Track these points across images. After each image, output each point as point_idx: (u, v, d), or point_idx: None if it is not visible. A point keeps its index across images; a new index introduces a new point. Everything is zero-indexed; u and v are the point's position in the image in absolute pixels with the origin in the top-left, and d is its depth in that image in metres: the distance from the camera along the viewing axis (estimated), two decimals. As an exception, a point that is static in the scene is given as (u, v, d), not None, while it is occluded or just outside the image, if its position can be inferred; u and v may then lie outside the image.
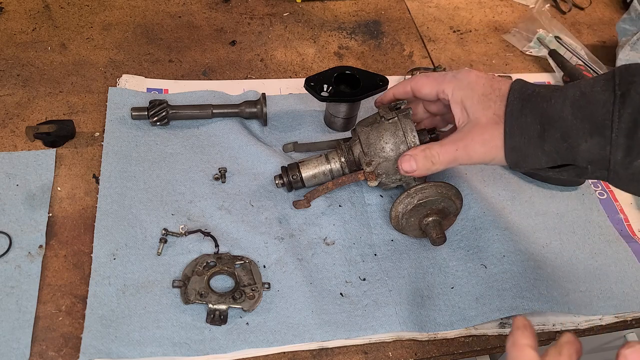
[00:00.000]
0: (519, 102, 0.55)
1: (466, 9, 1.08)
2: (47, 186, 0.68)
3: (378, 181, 0.65)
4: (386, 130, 0.64)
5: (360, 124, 0.67)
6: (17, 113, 0.76)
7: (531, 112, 0.54)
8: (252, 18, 0.98)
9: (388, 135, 0.64)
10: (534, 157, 0.54)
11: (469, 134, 0.57)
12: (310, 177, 0.69)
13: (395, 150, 0.64)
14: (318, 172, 0.69)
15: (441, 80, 0.61)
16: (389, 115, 0.64)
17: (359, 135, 0.66)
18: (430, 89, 0.62)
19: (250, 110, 0.78)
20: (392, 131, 0.64)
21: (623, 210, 0.78)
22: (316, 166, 0.69)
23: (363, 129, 0.66)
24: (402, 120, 0.64)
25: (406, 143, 0.63)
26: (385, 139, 0.64)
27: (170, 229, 0.66)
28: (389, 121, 0.64)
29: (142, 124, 0.76)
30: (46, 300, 0.59)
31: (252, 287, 0.61)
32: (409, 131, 0.64)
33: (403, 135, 0.64)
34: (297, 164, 0.69)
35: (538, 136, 0.53)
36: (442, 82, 0.61)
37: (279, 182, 0.69)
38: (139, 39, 0.90)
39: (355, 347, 0.61)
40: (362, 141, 0.66)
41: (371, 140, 0.65)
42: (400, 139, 0.64)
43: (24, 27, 0.88)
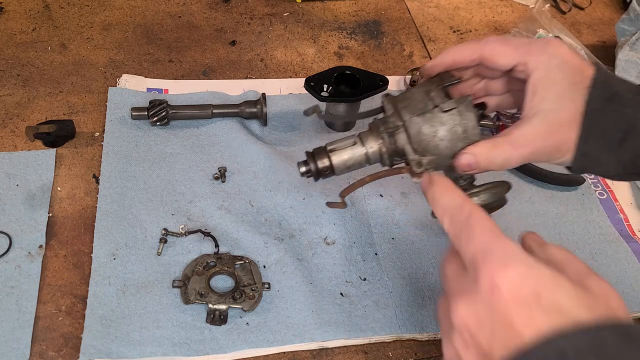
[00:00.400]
0: (601, 101, 0.46)
1: (466, 9, 1.08)
2: (47, 186, 0.68)
3: (422, 175, 0.54)
4: (443, 124, 0.51)
5: (407, 107, 0.53)
6: (17, 113, 0.76)
7: (613, 116, 0.46)
8: (252, 18, 0.98)
9: (444, 130, 0.51)
10: (606, 165, 0.47)
11: (545, 133, 0.46)
12: (342, 164, 0.55)
13: (451, 148, 0.52)
14: (352, 158, 0.55)
15: (526, 50, 0.48)
16: (446, 105, 0.51)
17: (407, 127, 0.52)
18: (508, 60, 0.48)
19: (250, 110, 0.78)
20: (450, 126, 0.51)
21: (623, 210, 0.78)
22: (350, 151, 0.55)
23: (413, 119, 0.52)
24: (463, 112, 0.51)
25: (466, 140, 0.51)
26: (440, 134, 0.51)
27: (170, 229, 0.66)
28: (446, 113, 0.51)
29: (142, 124, 0.76)
30: (46, 300, 0.59)
31: (252, 287, 0.61)
32: (471, 127, 0.51)
33: (463, 133, 0.51)
34: (325, 148, 0.56)
35: (617, 144, 0.46)
36: (528, 54, 0.47)
37: (304, 169, 0.56)
38: (139, 39, 0.90)
39: (355, 347, 0.61)
40: (411, 135, 0.52)
41: (423, 136, 0.52)
42: (459, 135, 0.51)
43: (24, 27, 0.88)
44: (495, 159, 0.47)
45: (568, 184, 0.78)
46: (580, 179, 0.79)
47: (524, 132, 0.47)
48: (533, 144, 0.47)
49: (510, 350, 0.30)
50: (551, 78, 0.46)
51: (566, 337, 0.28)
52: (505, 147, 0.47)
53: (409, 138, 0.53)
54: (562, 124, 0.46)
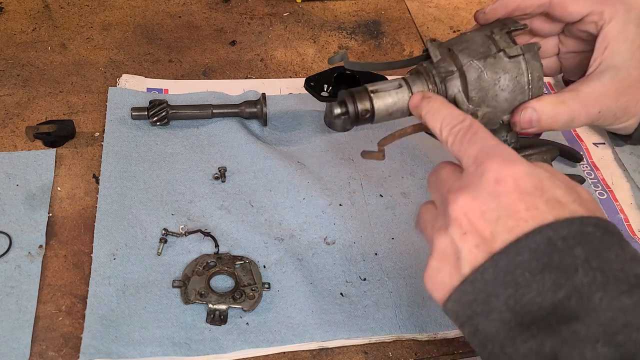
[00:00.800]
0: None
1: (466, 9, 1.08)
2: (47, 186, 0.68)
3: None
4: (506, 71, 0.47)
5: (465, 50, 0.48)
6: (17, 113, 0.76)
7: None
8: (252, 18, 0.98)
9: (507, 79, 0.47)
10: None
11: (616, 91, 0.42)
12: (385, 110, 0.49)
13: (511, 100, 0.47)
14: (397, 103, 0.49)
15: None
16: (512, 50, 0.47)
17: (464, 70, 0.48)
18: (580, 8, 0.44)
19: (250, 110, 0.78)
20: (514, 74, 0.47)
21: (623, 210, 0.78)
22: (395, 94, 0.49)
23: (472, 63, 0.47)
24: (530, 61, 0.47)
25: (529, 94, 0.47)
26: (502, 83, 0.47)
27: (170, 229, 0.66)
28: (511, 59, 0.47)
29: (142, 124, 0.76)
30: (46, 300, 0.59)
31: (252, 287, 0.61)
32: (536, 79, 0.47)
33: (528, 83, 0.47)
34: (367, 90, 0.50)
35: None
36: (603, 2, 0.43)
37: (339, 111, 0.50)
38: (139, 39, 0.90)
39: (355, 347, 0.61)
40: (469, 80, 0.47)
41: (483, 83, 0.47)
42: (522, 87, 0.47)
43: (24, 27, 0.88)
44: (560, 116, 0.42)
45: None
46: (581, 178, 0.79)
47: (593, 89, 0.42)
48: (602, 102, 0.42)
49: (516, 234, 0.32)
50: (627, 32, 0.42)
51: (555, 228, 0.32)
52: (572, 103, 0.42)
53: (465, 85, 0.48)
54: (633, 83, 0.42)
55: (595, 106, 0.43)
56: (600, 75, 0.43)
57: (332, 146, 0.79)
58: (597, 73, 0.43)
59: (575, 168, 0.82)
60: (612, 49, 0.43)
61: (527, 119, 0.44)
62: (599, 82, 0.43)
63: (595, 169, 0.82)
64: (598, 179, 0.81)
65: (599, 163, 0.83)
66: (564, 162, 0.81)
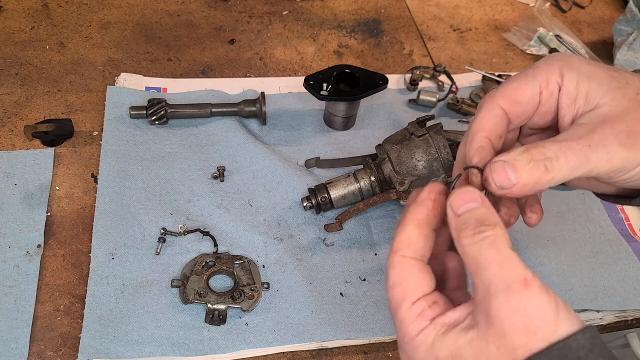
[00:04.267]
0: None
1: (466, 8, 1.07)
2: (46, 185, 0.68)
3: None
4: (417, 147, 0.63)
5: (389, 141, 0.66)
6: (16, 112, 0.76)
7: None
8: (251, 16, 0.97)
9: (420, 152, 0.63)
10: None
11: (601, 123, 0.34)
12: (340, 198, 0.67)
13: (428, 167, 0.63)
14: (347, 192, 0.67)
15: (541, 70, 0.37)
16: (419, 131, 0.63)
17: (388, 154, 0.65)
18: (531, 90, 0.37)
19: (249, 109, 0.77)
20: (424, 148, 0.63)
21: (623, 209, 0.78)
22: (345, 186, 0.67)
23: (393, 147, 0.64)
24: (433, 137, 0.63)
25: (439, 160, 0.63)
26: (417, 156, 0.63)
27: (168, 228, 0.66)
28: (419, 138, 0.63)
29: (141, 123, 0.76)
30: (44, 300, 0.59)
31: (251, 287, 0.61)
32: (441, 148, 0.62)
33: (436, 152, 0.63)
34: (325, 185, 0.67)
35: None
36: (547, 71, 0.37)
37: (307, 204, 0.67)
38: (138, 37, 0.90)
39: (355, 347, 0.60)
40: (392, 160, 0.64)
41: (402, 159, 0.64)
42: (433, 155, 0.63)
43: (22, 26, 0.88)
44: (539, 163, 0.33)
45: (568, 183, 0.78)
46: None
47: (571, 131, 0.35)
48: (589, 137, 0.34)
49: None
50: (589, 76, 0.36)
51: None
52: (551, 146, 0.33)
53: (391, 164, 0.64)
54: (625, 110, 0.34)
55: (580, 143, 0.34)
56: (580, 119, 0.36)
57: (331, 145, 0.78)
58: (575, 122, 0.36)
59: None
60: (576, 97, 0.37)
61: (501, 173, 0.33)
62: (579, 125, 0.35)
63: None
64: (598, 178, 0.81)
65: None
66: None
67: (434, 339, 0.31)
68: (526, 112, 0.38)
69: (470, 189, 0.33)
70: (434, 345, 0.31)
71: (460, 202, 0.32)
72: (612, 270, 0.70)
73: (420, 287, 0.32)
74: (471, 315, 0.31)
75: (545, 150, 0.33)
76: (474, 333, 0.30)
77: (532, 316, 0.28)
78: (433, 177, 0.64)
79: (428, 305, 0.32)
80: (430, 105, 0.85)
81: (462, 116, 0.85)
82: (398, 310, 0.32)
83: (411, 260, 0.33)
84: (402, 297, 0.32)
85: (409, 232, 0.33)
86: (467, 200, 0.32)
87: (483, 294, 0.29)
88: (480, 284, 0.30)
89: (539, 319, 0.28)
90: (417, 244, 0.33)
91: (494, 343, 0.29)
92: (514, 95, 0.37)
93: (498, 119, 0.37)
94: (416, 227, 0.34)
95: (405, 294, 0.32)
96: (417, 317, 0.32)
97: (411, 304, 0.32)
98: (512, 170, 0.33)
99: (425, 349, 0.31)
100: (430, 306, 0.32)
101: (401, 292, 0.32)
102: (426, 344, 0.31)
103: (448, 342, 0.30)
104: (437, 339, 0.31)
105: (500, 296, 0.29)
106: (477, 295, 0.30)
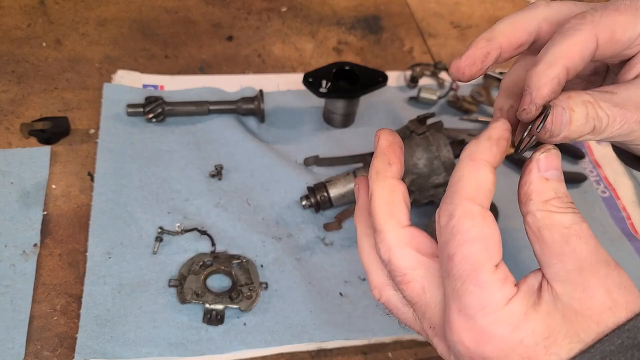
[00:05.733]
0: None
1: (467, 4, 1.07)
2: (42, 184, 0.67)
3: (412, 198, 0.64)
4: (418, 145, 0.63)
5: None
6: (12, 110, 0.75)
7: None
8: (250, 13, 0.96)
9: (420, 150, 0.62)
10: None
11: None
12: (340, 197, 0.67)
13: (429, 166, 0.62)
14: (347, 190, 0.66)
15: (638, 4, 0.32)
16: (419, 129, 0.63)
17: None
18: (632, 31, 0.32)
19: (248, 106, 0.77)
20: (425, 146, 0.62)
21: (625, 208, 0.77)
22: (345, 184, 0.66)
23: None
24: (434, 134, 0.62)
25: (440, 158, 0.62)
26: (417, 154, 0.62)
27: (166, 227, 0.65)
28: (420, 136, 0.63)
29: (138, 121, 0.75)
30: (41, 299, 0.59)
31: (249, 286, 0.61)
32: (442, 146, 0.62)
33: (436, 150, 0.62)
34: (324, 184, 0.67)
35: None
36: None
37: (307, 203, 0.67)
38: (135, 34, 0.89)
39: (355, 347, 0.60)
40: None
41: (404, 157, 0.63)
42: (433, 154, 0.62)
43: (18, 23, 0.87)
44: (592, 118, 0.31)
45: (570, 181, 0.77)
46: (583, 176, 0.78)
47: (634, 93, 0.32)
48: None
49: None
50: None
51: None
52: (607, 106, 0.31)
53: None
54: None
55: (635, 112, 0.32)
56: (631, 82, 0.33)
57: (330, 143, 0.78)
58: (638, 79, 0.33)
59: (577, 165, 0.81)
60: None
61: (559, 121, 0.31)
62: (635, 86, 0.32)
63: (598, 166, 0.81)
64: (600, 176, 0.80)
65: (601, 160, 0.82)
66: (565, 160, 0.81)
67: (526, 312, 0.27)
68: (615, 55, 0.33)
69: (559, 153, 0.29)
70: (527, 317, 0.26)
71: (549, 164, 0.29)
72: (613, 269, 0.69)
73: (500, 248, 0.28)
74: (548, 288, 0.28)
75: (601, 112, 0.31)
76: (563, 308, 0.27)
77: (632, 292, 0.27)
78: (433, 175, 0.63)
79: (508, 270, 0.28)
80: (430, 102, 0.85)
81: (462, 114, 0.85)
82: (478, 274, 0.27)
83: (491, 214, 0.28)
84: (486, 256, 0.27)
85: (486, 177, 0.28)
86: (553, 165, 0.29)
87: (574, 266, 0.27)
88: (571, 254, 0.27)
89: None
90: (491, 194, 0.28)
91: (592, 320, 0.26)
92: (615, 31, 0.31)
93: (588, 52, 0.31)
94: (491, 171, 0.28)
95: (489, 253, 0.27)
96: (504, 283, 0.27)
97: (494, 267, 0.27)
98: (568, 121, 0.30)
99: (515, 322, 0.26)
100: (509, 272, 0.28)
101: (484, 251, 0.27)
102: (517, 316, 0.26)
103: (543, 316, 0.27)
104: (529, 311, 0.27)
105: (601, 269, 0.27)
106: (564, 266, 0.27)
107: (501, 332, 0.26)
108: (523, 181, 0.29)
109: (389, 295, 0.33)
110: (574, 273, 0.27)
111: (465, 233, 0.27)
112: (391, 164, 0.32)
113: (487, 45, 0.34)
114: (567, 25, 0.32)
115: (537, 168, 0.29)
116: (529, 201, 0.29)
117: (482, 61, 0.34)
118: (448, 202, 0.28)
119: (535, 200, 0.29)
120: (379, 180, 0.32)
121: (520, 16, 0.34)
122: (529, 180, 0.29)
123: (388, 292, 0.33)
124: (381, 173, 0.32)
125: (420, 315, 0.31)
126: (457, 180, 0.29)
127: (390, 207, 0.31)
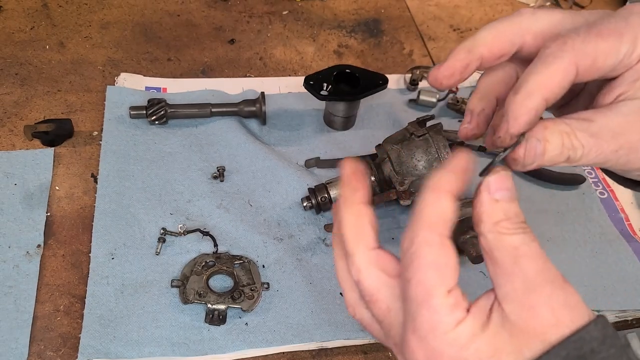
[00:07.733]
0: None
1: (466, 8, 1.07)
2: (45, 185, 0.68)
3: (411, 200, 0.64)
4: (417, 147, 0.63)
5: (389, 141, 0.66)
6: (15, 112, 0.76)
7: None
8: (251, 16, 0.97)
9: (420, 152, 0.63)
10: None
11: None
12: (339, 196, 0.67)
13: (428, 167, 0.64)
14: None
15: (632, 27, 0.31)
16: (419, 131, 0.64)
17: (388, 154, 0.65)
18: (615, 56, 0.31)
19: (249, 109, 0.77)
20: (424, 148, 0.63)
21: (624, 209, 0.78)
22: None
23: (393, 147, 0.64)
24: (433, 136, 0.63)
25: (439, 160, 0.63)
26: (417, 156, 0.63)
27: (168, 228, 0.66)
28: (419, 138, 0.63)
29: (141, 123, 0.76)
30: (44, 300, 0.59)
31: (251, 287, 0.61)
32: (441, 147, 0.63)
33: (436, 152, 0.63)
34: (324, 185, 0.68)
35: None
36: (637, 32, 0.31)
37: (307, 204, 0.67)
38: (138, 37, 0.89)
39: (355, 347, 0.60)
40: (392, 159, 0.64)
41: (402, 159, 0.64)
42: (433, 155, 0.63)
43: (22, 26, 0.88)
44: (567, 148, 0.31)
45: (569, 182, 0.78)
46: (581, 177, 0.78)
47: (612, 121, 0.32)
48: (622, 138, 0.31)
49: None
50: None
51: None
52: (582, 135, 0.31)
53: (391, 164, 0.64)
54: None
55: (612, 143, 0.32)
56: (621, 106, 0.32)
57: (331, 145, 0.78)
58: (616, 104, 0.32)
59: (575, 167, 0.81)
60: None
61: (532, 152, 0.31)
62: (619, 114, 0.32)
63: (596, 168, 0.82)
64: (599, 178, 0.81)
65: (600, 162, 0.83)
66: (564, 161, 0.81)
67: (473, 333, 0.28)
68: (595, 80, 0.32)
69: (509, 174, 0.30)
70: (474, 338, 0.28)
71: (499, 185, 0.30)
72: (612, 270, 0.70)
73: (456, 274, 0.29)
74: (498, 308, 0.29)
75: (576, 142, 0.31)
76: (511, 327, 0.28)
77: (576, 308, 0.28)
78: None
79: (461, 295, 0.29)
80: (430, 105, 0.85)
81: (462, 116, 0.85)
82: (430, 298, 0.28)
83: (450, 241, 0.29)
84: (439, 282, 0.28)
85: (446, 207, 0.29)
86: (504, 186, 0.30)
87: (521, 286, 0.28)
88: (519, 274, 0.28)
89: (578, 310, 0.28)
90: (451, 223, 0.29)
91: (536, 337, 0.27)
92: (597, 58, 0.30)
93: (567, 81, 0.31)
94: (452, 201, 0.29)
95: (443, 279, 0.28)
96: (454, 307, 0.28)
97: (447, 292, 0.28)
98: (542, 152, 0.31)
99: (463, 344, 0.28)
100: (462, 296, 0.29)
101: (438, 277, 0.28)
102: (464, 338, 0.28)
103: (489, 337, 0.28)
104: (477, 332, 0.28)
105: (546, 288, 0.28)
106: (512, 286, 0.28)
107: (449, 352, 0.28)
108: (474, 203, 0.31)
109: (362, 313, 0.35)
110: (521, 293, 0.28)
111: (422, 259, 0.29)
112: (356, 190, 0.34)
113: (467, 57, 0.34)
114: (547, 50, 0.32)
115: (487, 190, 0.30)
116: (481, 223, 0.30)
117: (461, 72, 0.35)
118: (410, 229, 0.30)
119: (486, 222, 0.30)
120: (347, 207, 0.34)
121: (505, 25, 0.35)
122: (479, 202, 0.30)
123: (361, 310, 0.35)
124: (348, 200, 0.34)
125: (387, 332, 0.33)
126: (420, 209, 0.30)
127: (357, 231, 0.33)
